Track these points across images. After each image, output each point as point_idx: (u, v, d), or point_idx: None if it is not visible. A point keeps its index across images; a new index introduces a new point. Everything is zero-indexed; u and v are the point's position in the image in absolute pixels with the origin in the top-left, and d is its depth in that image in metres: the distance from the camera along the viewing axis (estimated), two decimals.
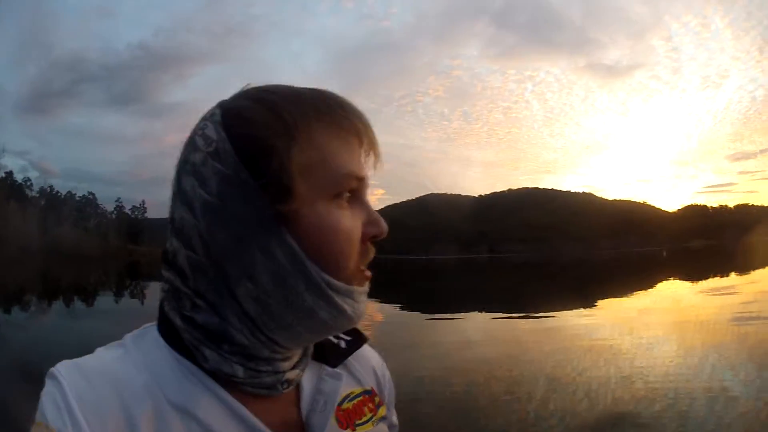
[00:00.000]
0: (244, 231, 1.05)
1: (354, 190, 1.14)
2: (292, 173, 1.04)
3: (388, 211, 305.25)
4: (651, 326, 24.75)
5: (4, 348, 21.45)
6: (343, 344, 1.36)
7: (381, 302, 38.82)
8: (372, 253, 1.22)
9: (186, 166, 1.15)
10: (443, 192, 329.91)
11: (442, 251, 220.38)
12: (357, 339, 1.41)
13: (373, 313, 33.21)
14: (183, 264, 1.11)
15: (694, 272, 59.77)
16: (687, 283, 51.05)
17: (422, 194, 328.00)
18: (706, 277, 52.66)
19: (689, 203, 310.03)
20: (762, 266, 61.48)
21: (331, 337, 1.33)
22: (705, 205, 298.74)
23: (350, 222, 1.11)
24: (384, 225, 1.20)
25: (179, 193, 1.15)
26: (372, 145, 1.21)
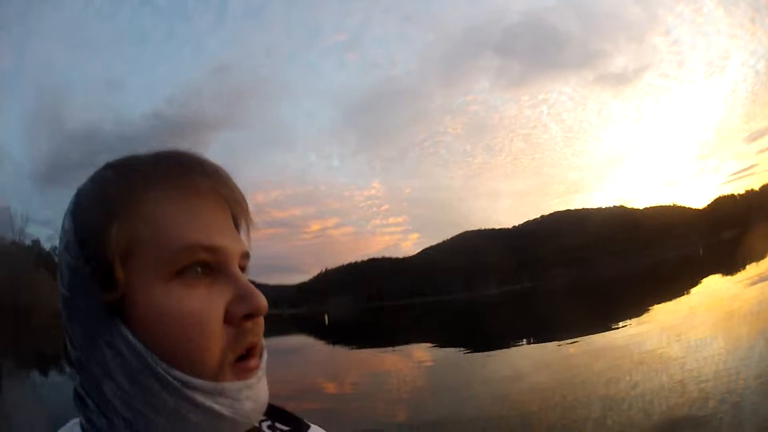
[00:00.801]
0: (91, 325, 0.97)
1: (208, 263, 0.98)
2: (110, 255, 0.94)
3: (425, 254, 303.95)
4: (697, 327, 24.72)
5: (42, 407, 22.76)
6: None
7: (427, 345, 38.95)
8: (252, 337, 1.01)
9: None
10: (477, 228, 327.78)
11: (483, 287, 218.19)
12: (296, 429, 1.22)
13: (418, 357, 33.34)
14: (74, 361, 1.03)
15: (731, 264, 59.12)
16: (727, 277, 50.50)
17: (456, 233, 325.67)
18: (744, 267, 52.16)
19: (717, 195, 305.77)
20: None
21: (266, 429, 1.16)
22: (732, 194, 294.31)
23: (202, 303, 0.95)
24: (259, 300, 0.99)
25: None
26: (235, 206, 1.08)
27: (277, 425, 1.19)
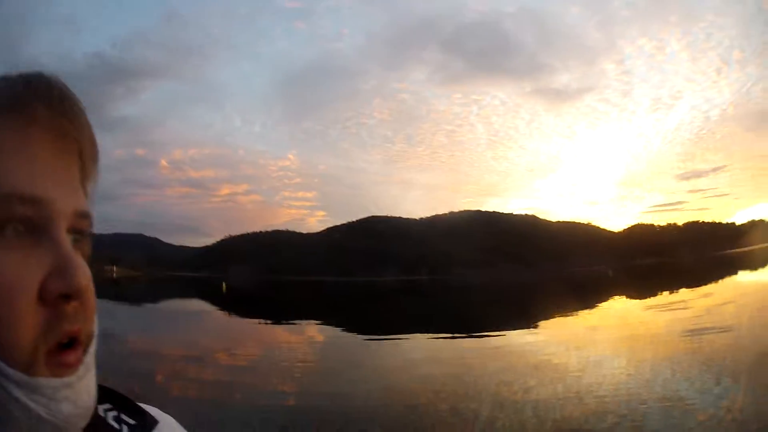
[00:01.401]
0: None
1: (29, 219, 0.74)
2: None
3: (329, 234, 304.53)
4: (599, 343, 24.74)
5: None
6: (125, 430, 0.91)
7: (322, 324, 38.49)
8: (72, 323, 0.75)
9: None
10: (385, 215, 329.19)
11: (383, 273, 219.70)
12: (142, 424, 0.94)
13: (314, 335, 32.83)
14: None
15: (641, 289, 60.50)
16: (634, 300, 51.60)
17: (364, 216, 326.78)
18: (654, 294, 53.10)
19: (636, 223, 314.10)
20: (713, 281, 62.41)
21: (111, 421, 0.89)
22: (652, 224, 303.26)
23: (13, 271, 0.71)
24: (74, 278, 0.74)
25: None
26: (83, 149, 0.82)
27: (123, 417, 0.96)
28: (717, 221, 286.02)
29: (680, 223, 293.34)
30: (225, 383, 17.97)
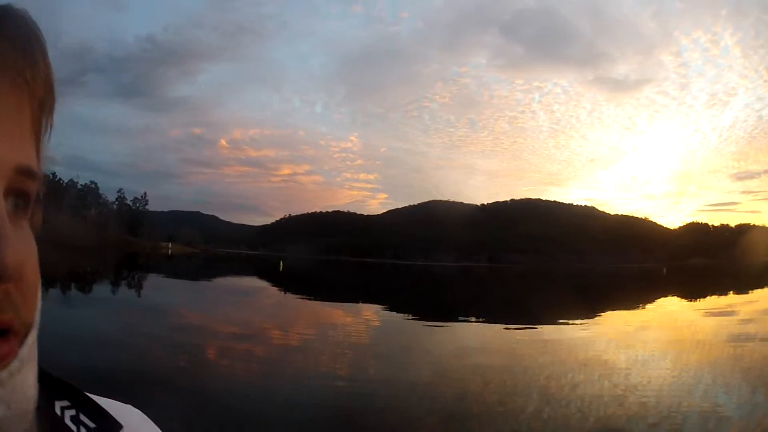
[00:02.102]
0: None
1: None
2: None
3: (390, 216, 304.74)
4: (647, 343, 24.83)
5: None
6: None
7: (378, 306, 39.01)
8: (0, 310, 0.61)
9: None
10: (446, 199, 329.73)
11: (442, 258, 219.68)
12: (104, 428, 0.84)
13: (369, 317, 33.33)
14: None
15: (692, 290, 59.89)
16: (685, 301, 51.17)
17: (425, 200, 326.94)
18: (704, 296, 52.88)
19: (691, 221, 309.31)
20: (761, 287, 61.63)
21: (68, 421, 0.79)
22: (706, 224, 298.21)
23: None
24: (4, 256, 0.57)
25: None
26: (37, 89, 0.68)
27: (82, 418, 0.78)
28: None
29: (733, 224, 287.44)
30: (274, 361, 18.43)
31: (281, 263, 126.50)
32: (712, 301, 48.80)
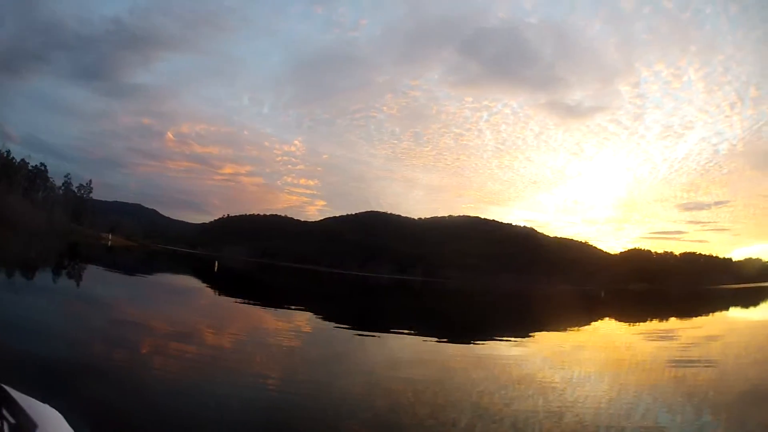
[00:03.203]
0: None
1: None
2: None
3: (327, 224, 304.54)
4: (584, 363, 24.86)
5: None
6: (5, 429, 0.87)
7: (311, 313, 38.60)
8: None
9: None
10: (384, 211, 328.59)
11: (377, 269, 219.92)
12: (21, 424, 0.87)
13: (302, 324, 32.93)
14: None
15: (631, 314, 60.90)
16: (623, 324, 51.70)
17: (363, 210, 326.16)
18: (643, 320, 53.47)
19: (633, 247, 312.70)
20: (703, 314, 62.80)
21: None
22: (649, 251, 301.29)
23: None
24: None
25: None
26: None
27: (5, 413, 0.86)
28: (714, 255, 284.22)
29: (677, 252, 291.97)
30: (207, 362, 17.88)
31: (216, 264, 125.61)
32: (652, 326, 49.56)
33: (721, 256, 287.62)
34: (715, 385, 19.38)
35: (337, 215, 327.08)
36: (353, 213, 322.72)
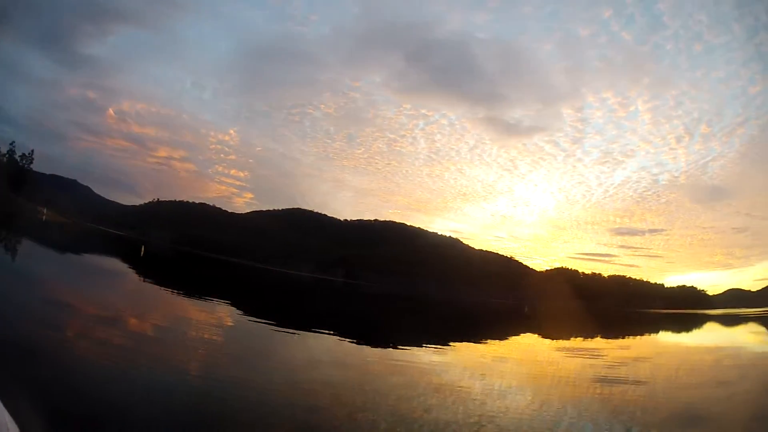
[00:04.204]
0: None
1: None
2: None
3: (253, 218, 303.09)
4: (506, 375, 24.87)
5: None
6: None
7: (233, 307, 38.10)
8: None
9: None
10: (311, 209, 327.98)
11: (300, 267, 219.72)
12: None
13: (223, 317, 32.47)
14: None
15: (555, 331, 61.38)
16: (546, 340, 52.00)
17: (290, 207, 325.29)
18: (567, 338, 53.84)
19: (560, 266, 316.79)
20: (631, 336, 63.82)
21: None
22: (576, 270, 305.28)
23: None
24: None
25: None
26: None
27: None
28: (645, 279, 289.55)
29: (606, 274, 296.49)
30: (130, 349, 17.64)
31: (143, 248, 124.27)
32: (577, 343, 49.96)
33: (652, 281, 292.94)
34: (644, 404, 19.50)
35: (264, 209, 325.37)
36: (280, 208, 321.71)
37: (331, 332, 33.14)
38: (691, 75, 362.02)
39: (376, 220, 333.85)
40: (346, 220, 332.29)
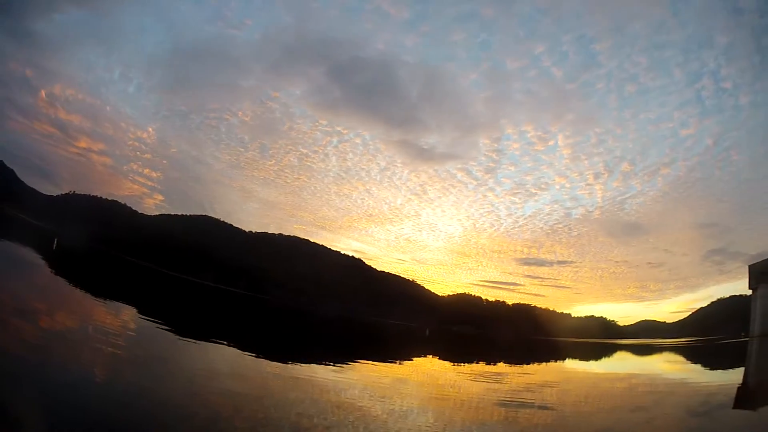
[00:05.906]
0: None
1: None
2: None
3: (162, 220, 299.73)
4: (406, 396, 25.01)
5: None
6: None
7: (136, 311, 37.62)
8: None
9: None
10: (218, 217, 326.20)
11: (201, 275, 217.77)
12: None
13: (127, 320, 32.09)
14: None
15: (457, 355, 62.05)
16: (448, 363, 52.41)
17: (197, 213, 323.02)
18: (469, 362, 54.44)
19: (463, 291, 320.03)
20: (536, 362, 64.95)
21: None
22: (480, 297, 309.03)
23: None
24: None
25: None
26: None
27: None
28: (551, 309, 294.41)
29: (510, 302, 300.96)
30: (35, 347, 17.58)
31: (55, 241, 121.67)
32: (479, 368, 50.55)
33: (558, 310, 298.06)
34: (553, 427, 19.89)
35: (172, 213, 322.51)
36: (188, 214, 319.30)
37: (230, 344, 32.98)
38: (618, 114, 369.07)
39: (280, 234, 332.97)
40: (251, 231, 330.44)
